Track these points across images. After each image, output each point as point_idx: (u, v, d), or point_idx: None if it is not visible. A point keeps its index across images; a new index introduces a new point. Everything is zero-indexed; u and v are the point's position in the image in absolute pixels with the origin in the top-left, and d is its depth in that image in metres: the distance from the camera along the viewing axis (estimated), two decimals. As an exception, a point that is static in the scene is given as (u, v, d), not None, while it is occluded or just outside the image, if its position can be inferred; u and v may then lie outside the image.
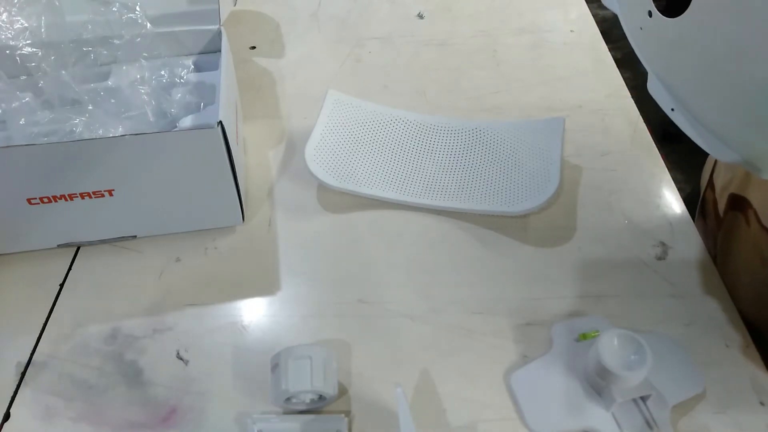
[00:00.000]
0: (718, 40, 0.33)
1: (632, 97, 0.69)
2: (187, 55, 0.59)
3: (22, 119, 0.51)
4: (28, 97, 0.52)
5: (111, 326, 0.49)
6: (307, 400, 0.42)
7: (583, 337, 0.46)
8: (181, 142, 0.47)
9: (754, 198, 0.52)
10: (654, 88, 0.37)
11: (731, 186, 0.56)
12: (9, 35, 0.52)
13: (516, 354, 0.47)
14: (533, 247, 0.55)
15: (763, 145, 0.33)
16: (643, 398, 0.42)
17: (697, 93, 0.34)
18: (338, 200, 0.58)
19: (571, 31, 0.78)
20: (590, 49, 0.75)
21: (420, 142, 0.62)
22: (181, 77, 0.57)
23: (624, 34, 0.41)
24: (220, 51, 0.56)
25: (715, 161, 0.61)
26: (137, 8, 0.55)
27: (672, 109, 0.35)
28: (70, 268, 0.53)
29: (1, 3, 0.53)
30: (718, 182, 0.59)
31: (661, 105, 0.36)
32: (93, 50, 0.54)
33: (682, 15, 0.34)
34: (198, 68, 0.59)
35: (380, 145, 0.61)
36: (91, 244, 0.55)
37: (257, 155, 0.63)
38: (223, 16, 0.58)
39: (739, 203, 0.54)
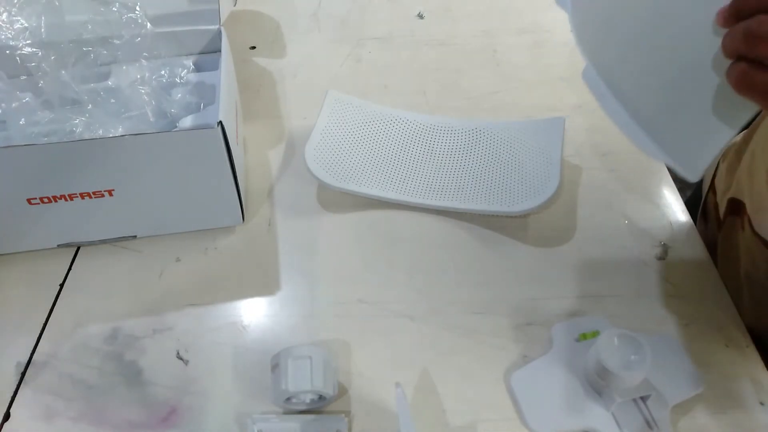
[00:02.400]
0: (642, 11, 0.33)
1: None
2: (187, 55, 0.59)
3: (22, 119, 0.51)
4: (28, 97, 0.52)
5: (111, 326, 0.49)
6: (307, 400, 0.42)
7: (583, 337, 0.46)
8: (181, 142, 0.47)
9: (749, 203, 0.52)
10: (588, 76, 0.37)
11: (731, 190, 0.56)
12: (9, 35, 0.52)
13: (516, 354, 0.47)
14: (533, 247, 0.54)
15: (679, 134, 0.33)
16: (643, 398, 0.42)
17: (625, 77, 0.34)
18: (338, 200, 0.58)
19: (571, 31, 0.78)
20: (590, 49, 0.75)
21: (420, 142, 0.62)
22: (181, 77, 0.57)
23: None
24: (220, 51, 0.56)
25: (717, 165, 0.61)
26: (137, 8, 0.55)
27: (603, 96, 0.35)
28: (70, 268, 0.53)
29: (1, 3, 0.53)
30: (720, 186, 0.59)
31: (593, 93, 0.36)
32: (93, 50, 0.54)
33: None
34: (198, 68, 0.59)
35: (380, 145, 0.61)
36: (91, 244, 0.55)
37: (257, 155, 0.63)
38: (223, 16, 0.58)
39: (736, 208, 0.54)
